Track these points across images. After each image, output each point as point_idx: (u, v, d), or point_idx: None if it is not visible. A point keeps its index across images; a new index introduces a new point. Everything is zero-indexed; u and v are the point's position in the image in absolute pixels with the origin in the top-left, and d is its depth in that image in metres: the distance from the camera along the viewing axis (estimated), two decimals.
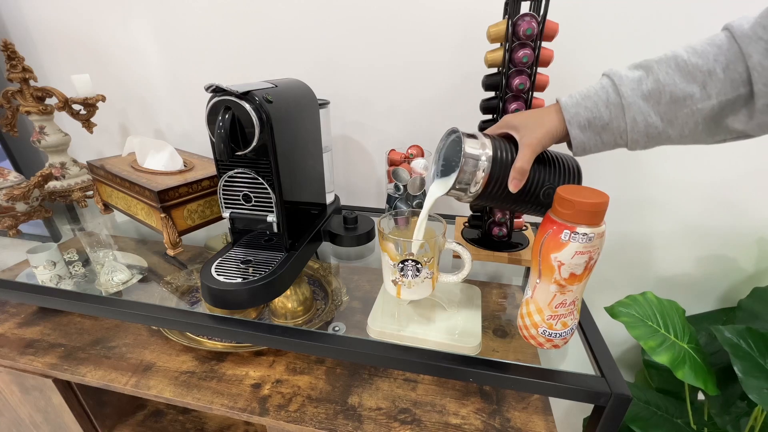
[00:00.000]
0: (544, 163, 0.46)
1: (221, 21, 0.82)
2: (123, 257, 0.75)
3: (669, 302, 0.77)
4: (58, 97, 0.78)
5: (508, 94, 0.56)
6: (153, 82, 0.93)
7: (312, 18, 0.78)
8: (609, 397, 0.41)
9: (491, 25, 0.53)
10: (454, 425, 0.51)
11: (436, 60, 0.76)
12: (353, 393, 0.55)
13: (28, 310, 0.71)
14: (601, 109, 0.40)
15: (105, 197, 0.79)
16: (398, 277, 0.50)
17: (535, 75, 0.53)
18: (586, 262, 0.39)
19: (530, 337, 0.47)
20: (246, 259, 0.56)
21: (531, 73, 0.53)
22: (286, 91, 0.54)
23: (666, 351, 0.69)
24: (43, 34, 0.93)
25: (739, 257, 0.83)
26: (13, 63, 0.75)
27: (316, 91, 0.64)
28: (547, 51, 0.52)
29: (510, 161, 0.44)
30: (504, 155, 0.44)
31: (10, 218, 0.76)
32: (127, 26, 0.88)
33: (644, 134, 0.39)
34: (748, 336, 0.69)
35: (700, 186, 0.78)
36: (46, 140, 0.80)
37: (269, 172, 0.52)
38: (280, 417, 0.51)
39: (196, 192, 0.67)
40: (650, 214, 0.82)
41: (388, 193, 0.75)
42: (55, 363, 0.60)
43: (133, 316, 0.53)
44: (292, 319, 0.60)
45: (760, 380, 0.64)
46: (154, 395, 0.54)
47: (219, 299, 0.50)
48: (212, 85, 0.47)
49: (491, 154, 0.44)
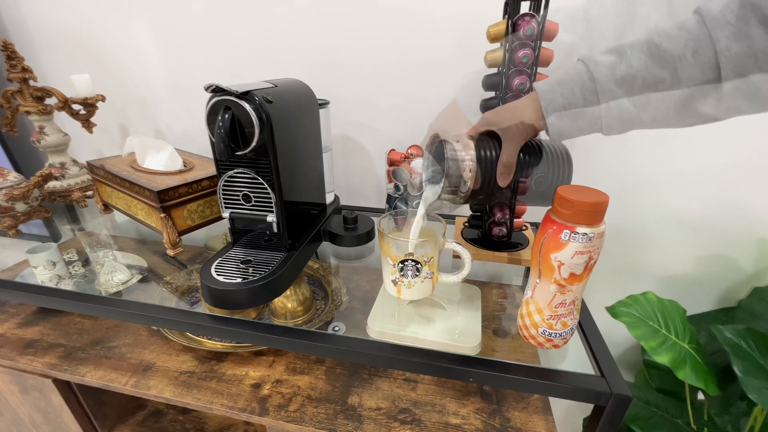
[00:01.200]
0: (530, 152, 0.47)
1: (221, 21, 0.82)
2: (123, 257, 0.75)
3: (670, 302, 0.77)
4: (57, 97, 0.78)
5: (508, 94, 0.56)
6: (153, 81, 0.93)
7: (312, 18, 0.78)
8: (609, 397, 0.41)
9: (491, 25, 0.53)
10: (454, 425, 0.51)
11: (437, 60, 0.76)
12: (353, 393, 0.55)
13: (28, 310, 0.71)
14: (577, 95, 0.39)
15: (105, 197, 0.79)
16: (398, 277, 0.50)
17: (535, 75, 0.53)
18: (586, 262, 0.39)
19: (530, 337, 0.47)
20: (246, 259, 0.56)
21: (531, 73, 0.53)
22: (285, 91, 0.54)
23: (667, 351, 0.69)
24: (43, 33, 0.93)
25: (739, 257, 0.83)
26: (12, 63, 0.75)
27: (316, 91, 0.64)
28: (547, 51, 0.52)
29: (496, 157, 0.45)
30: (488, 153, 0.45)
31: (10, 218, 0.76)
32: (127, 26, 0.88)
33: (618, 119, 0.39)
34: (748, 336, 0.69)
35: (700, 186, 0.78)
36: (46, 140, 0.80)
37: (269, 172, 0.52)
38: (280, 417, 0.51)
39: (195, 192, 0.67)
40: (650, 213, 0.82)
41: (388, 193, 0.74)
42: (55, 363, 0.60)
43: (133, 316, 0.53)
44: (292, 319, 0.60)
45: (760, 380, 0.64)
46: (153, 395, 0.54)
47: (219, 299, 0.50)
48: (212, 84, 0.47)
49: (474, 153, 0.45)
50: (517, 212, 0.64)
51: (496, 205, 0.64)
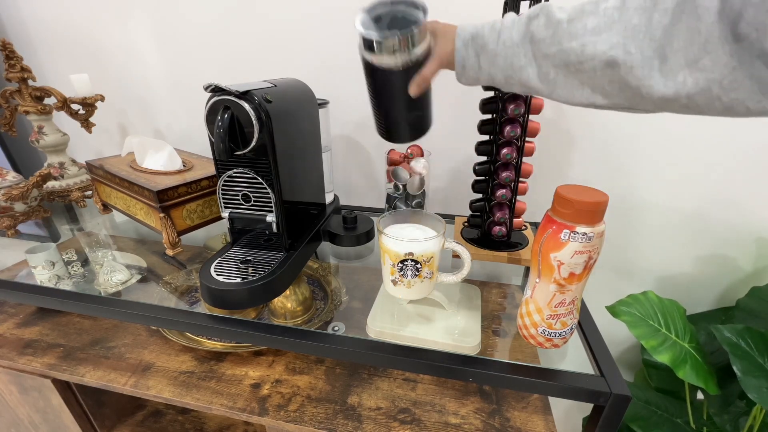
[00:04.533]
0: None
1: (221, 21, 0.82)
2: (122, 257, 0.75)
3: (670, 302, 0.77)
4: (56, 96, 0.78)
5: (507, 95, 0.56)
6: (152, 81, 0.93)
7: (312, 18, 0.78)
8: (608, 396, 0.41)
9: None
10: (453, 425, 0.51)
11: None
12: (353, 393, 0.55)
13: (27, 311, 0.71)
14: (486, 28, 0.40)
15: (104, 197, 0.79)
16: (398, 277, 0.50)
17: None
18: (586, 262, 0.39)
19: (530, 336, 0.47)
20: (245, 259, 0.55)
21: None
22: (285, 91, 0.54)
23: (667, 350, 0.69)
24: (42, 33, 0.93)
25: (738, 257, 0.84)
26: (11, 62, 0.75)
27: (316, 91, 0.64)
28: None
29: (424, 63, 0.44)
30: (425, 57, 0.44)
31: (9, 218, 0.76)
32: (126, 26, 0.88)
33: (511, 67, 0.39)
34: (747, 335, 0.69)
35: (699, 185, 0.78)
36: (45, 140, 0.80)
37: (268, 171, 0.52)
38: (280, 417, 0.51)
39: (195, 192, 0.67)
40: (649, 213, 0.83)
41: (387, 192, 0.74)
42: (54, 363, 0.59)
43: (132, 316, 0.53)
44: (292, 319, 0.60)
45: (759, 379, 0.64)
46: (153, 395, 0.54)
47: (218, 299, 0.50)
48: (211, 84, 0.47)
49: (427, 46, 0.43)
50: (517, 212, 0.65)
51: (495, 205, 0.64)
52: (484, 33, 0.39)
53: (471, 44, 0.41)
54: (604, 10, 0.33)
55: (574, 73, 0.35)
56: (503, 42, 0.38)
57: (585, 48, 0.33)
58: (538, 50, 0.36)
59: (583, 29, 0.33)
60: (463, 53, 0.41)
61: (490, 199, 0.64)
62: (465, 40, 0.41)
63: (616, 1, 0.32)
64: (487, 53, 0.40)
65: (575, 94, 0.36)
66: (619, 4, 0.32)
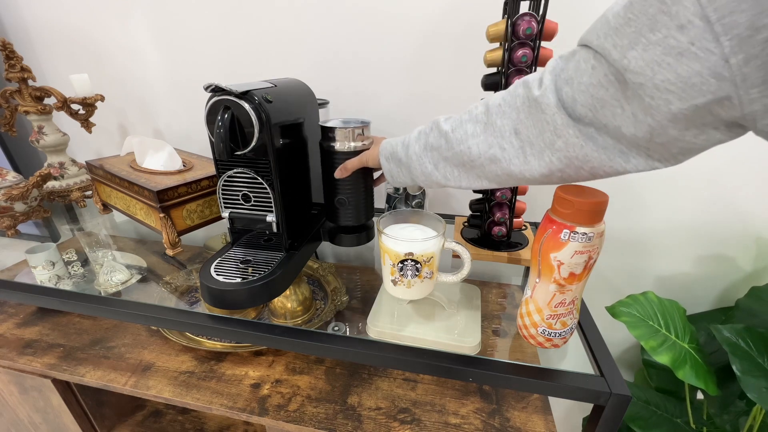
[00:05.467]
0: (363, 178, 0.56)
1: (220, 21, 0.82)
2: (122, 257, 0.75)
3: (670, 302, 0.77)
4: (56, 96, 0.78)
5: None
6: (152, 81, 0.93)
7: (312, 18, 0.78)
8: (608, 396, 0.41)
9: (490, 24, 0.53)
10: (453, 425, 0.51)
11: (436, 60, 0.76)
12: (353, 393, 0.55)
13: (27, 311, 0.71)
14: (399, 145, 0.47)
15: (104, 197, 0.79)
16: (398, 277, 0.50)
17: None
18: (586, 262, 0.39)
19: (530, 336, 0.47)
20: (245, 259, 0.55)
21: (530, 73, 0.53)
22: (285, 91, 0.54)
23: (667, 351, 0.69)
24: (42, 33, 0.93)
25: (738, 256, 0.84)
26: (11, 62, 0.75)
27: (316, 91, 0.64)
28: (546, 51, 0.52)
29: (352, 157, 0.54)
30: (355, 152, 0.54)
31: (9, 218, 0.76)
32: (126, 26, 0.88)
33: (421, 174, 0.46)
34: (746, 335, 0.69)
35: (698, 185, 0.78)
36: (45, 140, 0.80)
37: (268, 171, 0.52)
38: (280, 417, 0.51)
39: (195, 192, 0.67)
40: (649, 213, 0.83)
41: (387, 193, 0.75)
42: (54, 363, 0.59)
43: (132, 316, 0.53)
44: (292, 319, 0.60)
45: (759, 379, 0.64)
46: (153, 395, 0.54)
47: (218, 299, 0.50)
48: (211, 84, 0.47)
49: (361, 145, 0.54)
50: (517, 212, 0.65)
51: (495, 205, 0.64)
52: (397, 150, 0.48)
53: (391, 159, 0.49)
54: (475, 116, 0.39)
55: (471, 169, 0.41)
56: (412, 155, 0.46)
57: (471, 149, 0.40)
58: (438, 155, 0.43)
59: (465, 134, 0.40)
60: (387, 167, 0.50)
61: (490, 199, 0.64)
62: (387, 156, 0.49)
63: (482, 106, 0.39)
64: (403, 165, 0.47)
65: (475, 184, 0.43)
66: (483, 109, 0.39)
